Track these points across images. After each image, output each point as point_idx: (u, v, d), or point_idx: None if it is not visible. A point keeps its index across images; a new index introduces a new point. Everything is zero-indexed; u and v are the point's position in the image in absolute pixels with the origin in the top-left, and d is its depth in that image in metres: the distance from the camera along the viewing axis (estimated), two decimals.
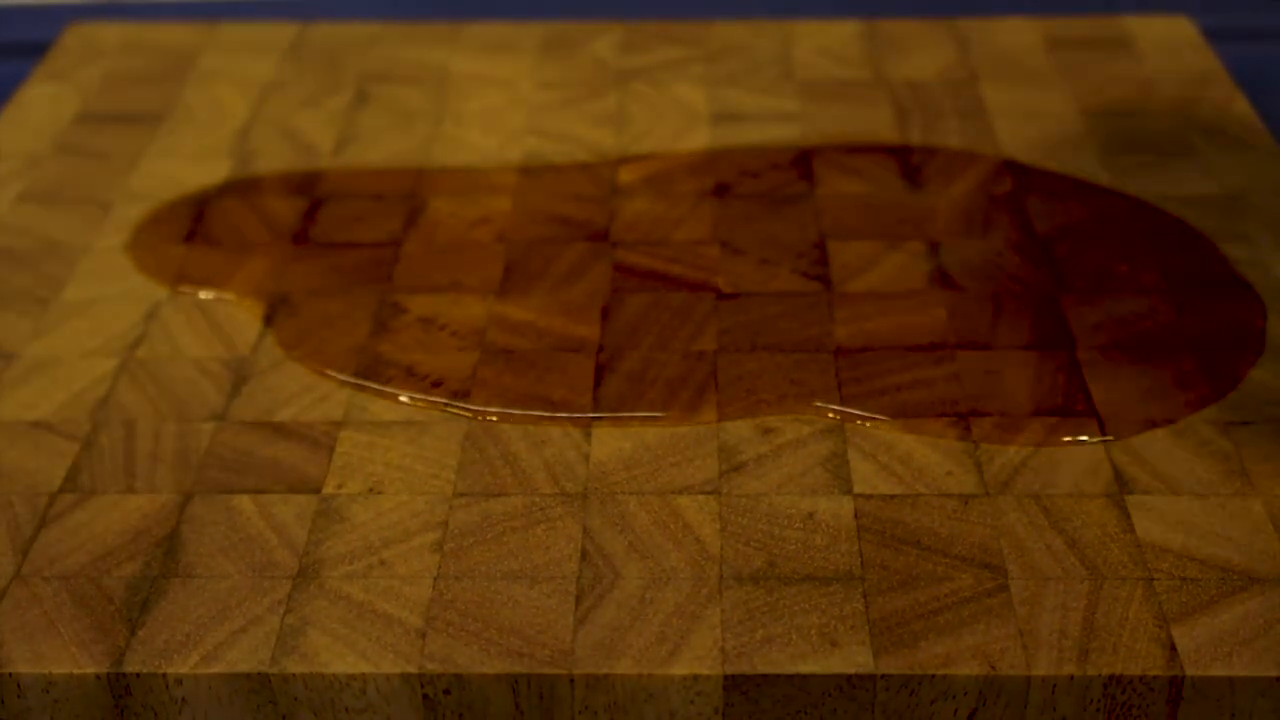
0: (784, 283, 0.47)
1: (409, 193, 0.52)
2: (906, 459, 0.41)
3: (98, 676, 0.35)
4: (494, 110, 0.57)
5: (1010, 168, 0.53)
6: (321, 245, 0.50)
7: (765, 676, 0.35)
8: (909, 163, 0.54)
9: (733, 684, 0.35)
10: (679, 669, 0.35)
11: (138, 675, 0.35)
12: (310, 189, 0.53)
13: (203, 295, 0.47)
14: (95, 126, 0.57)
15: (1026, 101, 0.57)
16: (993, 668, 0.35)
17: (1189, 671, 0.35)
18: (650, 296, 0.47)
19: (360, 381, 0.43)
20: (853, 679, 0.35)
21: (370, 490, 0.40)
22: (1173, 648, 0.35)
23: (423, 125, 0.56)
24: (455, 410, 0.42)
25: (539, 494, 0.40)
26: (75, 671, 0.35)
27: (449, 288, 0.47)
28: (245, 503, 0.40)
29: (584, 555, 0.38)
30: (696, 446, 0.41)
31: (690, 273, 0.48)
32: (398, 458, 0.41)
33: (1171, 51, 0.60)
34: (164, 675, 0.35)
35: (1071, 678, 0.35)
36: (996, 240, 0.48)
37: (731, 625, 0.36)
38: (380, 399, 0.43)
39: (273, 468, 0.41)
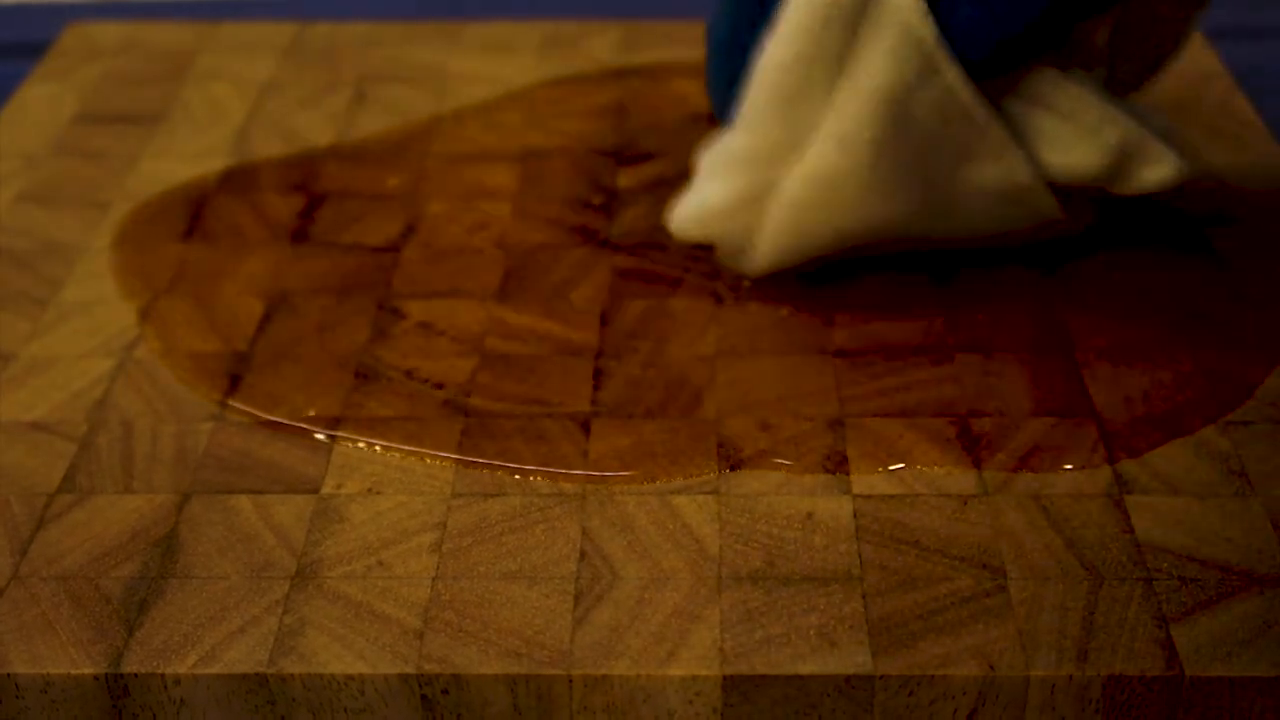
0: (783, 287, 0.47)
1: (407, 193, 0.52)
2: (905, 459, 0.40)
3: (96, 677, 0.35)
4: (493, 110, 0.57)
5: None
6: (320, 244, 0.50)
7: (764, 677, 0.35)
8: None
9: (731, 684, 0.35)
10: (677, 669, 0.35)
11: (136, 676, 0.35)
12: (308, 188, 0.53)
13: (200, 294, 0.47)
14: (94, 126, 0.57)
15: None
16: (992, 668, 0.35)
17: (1188, 672, 0.35)
18: (649, 301, 0.47)
19: (344, 404, 0.43)
20: (851, 679, 0.35)
21: (368, 490, 0.40)
22: (1172, 648, 0.35)
23: (421, 125, 0.56)
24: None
25: (537, 494, 0.40)
26: (73, 672, 0.35)
27: (448, 293, 0.47)
28: (243, 503, 0.40)
29: (582, 555, 0.38)
30: (695, 446, 0.41)
31: (689, 277, 0.48)
32: (396, 457, 0.41)
33: None
34: (162, 676, 0.35)
35: (1070, 678, 0.35)
36: (995, 241, 0.48)
37: (730, 625, 0.36)
38: (378, 397, 0.43)
39: (271, 468, 0.41)
